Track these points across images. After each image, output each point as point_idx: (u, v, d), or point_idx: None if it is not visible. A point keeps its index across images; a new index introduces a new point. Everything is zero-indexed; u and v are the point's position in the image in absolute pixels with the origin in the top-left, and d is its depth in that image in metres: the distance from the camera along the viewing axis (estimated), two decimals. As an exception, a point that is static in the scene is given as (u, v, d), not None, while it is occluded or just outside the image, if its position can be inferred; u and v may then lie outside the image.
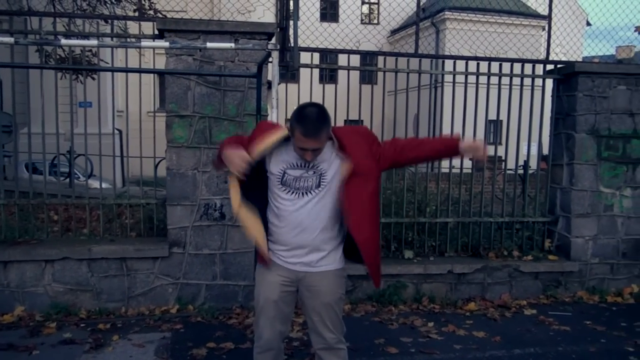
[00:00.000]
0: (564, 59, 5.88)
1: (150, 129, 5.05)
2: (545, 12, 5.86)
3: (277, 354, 2.84)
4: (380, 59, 5.32)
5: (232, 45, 3.34)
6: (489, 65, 5.33)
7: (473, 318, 4.72)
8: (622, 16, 5.84)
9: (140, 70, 4.63)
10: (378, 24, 25.48)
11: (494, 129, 5.62)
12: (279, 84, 3.28)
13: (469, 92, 5.14)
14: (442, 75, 5.31)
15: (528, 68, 5.35)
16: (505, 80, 5.29)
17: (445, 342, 4.17)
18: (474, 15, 22.43)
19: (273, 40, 4.43)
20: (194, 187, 4.64)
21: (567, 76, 5.28)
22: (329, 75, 20.58)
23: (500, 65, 5.32)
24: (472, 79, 5.19)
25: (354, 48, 5.21)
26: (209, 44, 3.26)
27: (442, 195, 5.49)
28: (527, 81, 5.39)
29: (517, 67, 5.32)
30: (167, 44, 3.26)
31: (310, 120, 2.43)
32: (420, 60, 5.21)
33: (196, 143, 4.59)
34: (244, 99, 4.60)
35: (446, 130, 5.25)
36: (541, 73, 5.44)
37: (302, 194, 2.57)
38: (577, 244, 5.34)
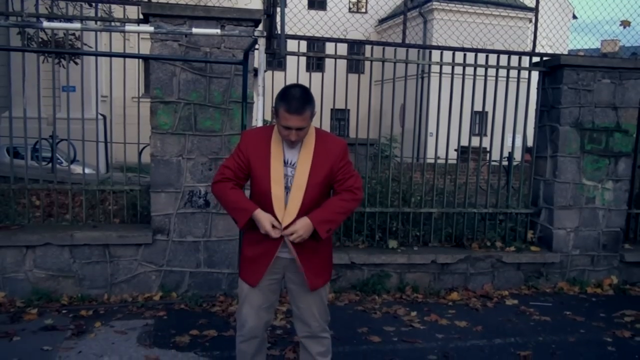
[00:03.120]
0: (549, 51, 5.88)
1: (136, 114, 4.99)
2: (532, 4, 5.88)
3: (260, 342, 2.85)
4: (368, 48, 5.30)
5: (218, 31, 3.30)
6: (476, 56, 5.34)
7: (455, 308, 4.77)
8: (607, 10, 5.86)
9: (124, 55, 4.55)
10: (366, 12, 25.37)
11: (479, 120, 5.62)
12: (265, 71, 3.26)
13: (455, 83, 5.16)
14: (429, 65, 5.30)
15: (514, 60, 5.37)
16: (492, 72, 5.30)
17: (428, 331, 4.20)
18: (461, 5, 22.47)
19: (260, 27, 4.38)
20: (179, 174, 4.60)
21: (552, 69, 5.31)
22: (316, 63, 20.46)
23: (487, 57, 5.33)
24: (459, 70, 5.20)
25: (342, 37, 5.18)
26: (194, 30, 3.22)
27: (427, 185, 5.52)
28: (513, 73, 5.42)
29: (503, 59, 5.33)
30: (151, 28, 3.21)
31: (294, 97, 2.47)
32: (407, 50, 5.20)
33: (181, 130, 4.55)
34: (230, 86, 4.56)
35: (432, 121, 5.31)
36: (527, 65, 5.46)
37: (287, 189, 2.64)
38: (559, 235, 5.40)
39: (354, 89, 5.08)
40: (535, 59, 5.50)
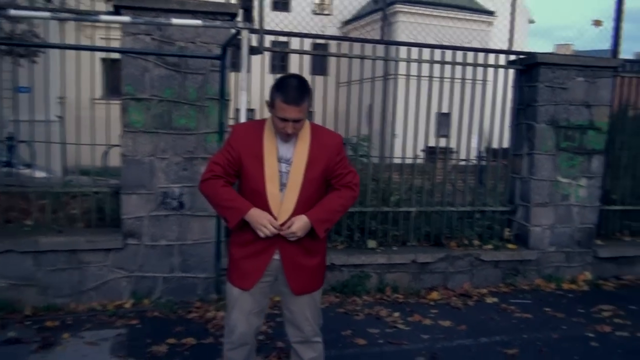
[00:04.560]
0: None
1: (98, 116, 4.72)
2: (491, 9, 5.90)
3: (251, 350, 2.70)
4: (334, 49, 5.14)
5: (200, 22, 3.13)
6: (454, 54, 5.30)
7: (437, 307, 4.71)
8: (561, 16, 5.91)
9: (93, 48, 4.31)
10: (330, 14, 25.37)
11: (448, 120, 5.59)
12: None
13: (424, 83, 5.12)
14: (397, 65, 5.19)
15: (482, 58, 5.37)
16: (461, 71, 5.28)
17: (413, 332, 4.12)
18: (424, 8, 22.71)
19: (239, 19, 4.22)
20: (151, 174, 4.38)
21: (528, 67, 5.32)
22: (279, 65, 20.28)
23: (454, 54, 5.22)
24: (435, 69, 5.15)
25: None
26: (174, 20, 3.04)
27: (406, 184, 5.45)
28: (480, 71, 5.42)
29: (469, 57, 5.31)
30: (127, 18, 3.01)
31: (291, 87, 2.35)
32: (374, 47, 5.11)
33: (154, 128, 4.33)
34: (206, 83, 4.37)
35: (399, 122, 5.20)
36: (503, 63, 5.46)
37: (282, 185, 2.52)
38: (536, 232, 5.43)
39: (320, 90, 4.93)
40: (509, 57, 5.52)
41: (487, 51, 5.35)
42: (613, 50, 5.63)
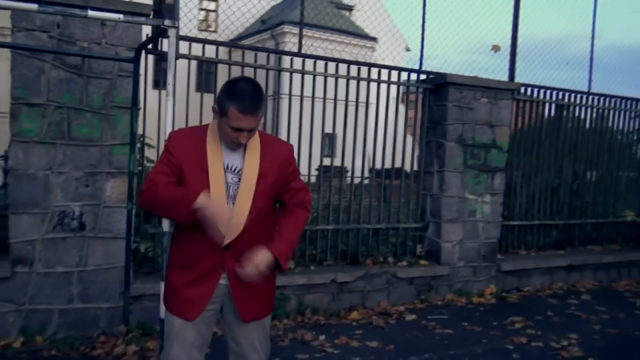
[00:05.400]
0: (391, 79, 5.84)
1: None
2: (372, 34, 5.98)
3: (192, 389, 2.34)
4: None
5: (121, 16, 2.75)
6: (369, 70, 5.29)
7: (360, 327, 4.58)
8: (435, 45, 6.18)
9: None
10: (215, 31, 24.92)
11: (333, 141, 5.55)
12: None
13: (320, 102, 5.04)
14: (301, 84, 4.99)
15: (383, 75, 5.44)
16: (356, 89, 5.31)
17: (343, 356, 3.94)
18: (312, 31, 23.12)
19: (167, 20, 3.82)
20: (46, 191, 3.81)
21: (438, 86, 5.48)
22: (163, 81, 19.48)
23: (359, 69, 5.19)
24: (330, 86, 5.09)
25: (194, 54, 4.62)
26: (91, 13, 2.63)
27: (322, 202, 5.32)
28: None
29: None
30: (35, 6, 2.56)
31: (247, 94, 2.08)
32: (280, 59, 4.99)
33: (50, 138, 3.79)
34: (112, 89, 3.93)
35: (294, 140, 4.92)
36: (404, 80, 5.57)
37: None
38: (447, 248, 5.54)
39: (208, 108, 4.59)
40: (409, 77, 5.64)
41: (400, 69, 5.42)
42: (510, 75, 5.98)
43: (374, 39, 26.87)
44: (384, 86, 5.41)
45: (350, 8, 28.98)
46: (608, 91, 6.84)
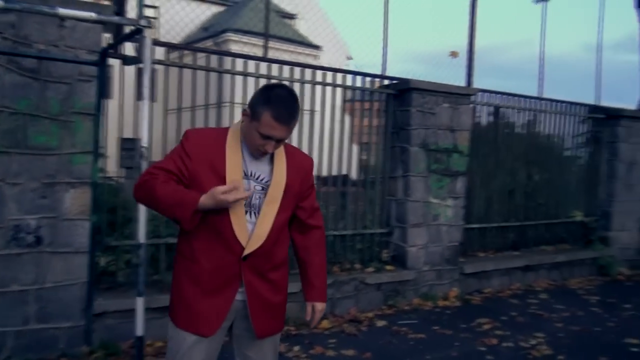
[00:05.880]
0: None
1: None
2: (316, 42, 6.02)
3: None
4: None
5: (94, 15, 2.58)
6: (334, 75, 5.25)
7: (333, 336, 4.50)
8: (374, 53, 6.24)
9: None
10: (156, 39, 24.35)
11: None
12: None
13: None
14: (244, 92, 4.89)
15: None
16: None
17: (321, 366, 3.86)
18: (256, 39, 22.95)
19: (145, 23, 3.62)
20: None
21: (401, 92, 5.50)
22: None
23: (314, 73, 5.13)
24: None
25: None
26: (61, 10, 2.45)
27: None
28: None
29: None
30: (1, 2, 2.34)
31: (284, 101, 1.97)
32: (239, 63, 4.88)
33: (4, 146, 3.51)
34: (72, 94, 3.69)
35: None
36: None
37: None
38: (412, 253, 5.56)
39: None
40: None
41: (364, 75, 5.41)
42: (467, 81, 6.10)
43: (317, 47, 27.07)
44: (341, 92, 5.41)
45: (293, 16, 29.08)
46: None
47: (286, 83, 4.93)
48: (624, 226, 7.58)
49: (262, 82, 4.77)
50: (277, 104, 1.95)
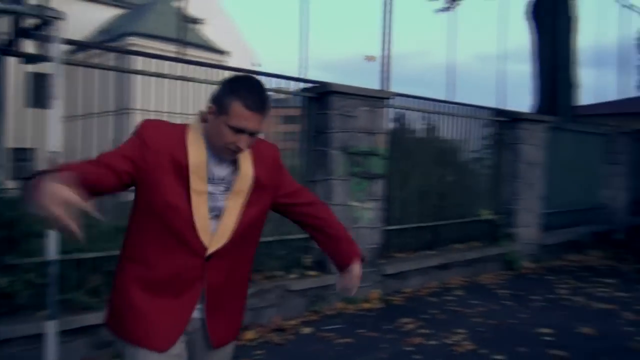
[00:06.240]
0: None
1: None
2: (223, 48, 5.90)
3: None
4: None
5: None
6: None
7: (260, 347, 4.34)
8: (282, 60, 6.29)
9: None
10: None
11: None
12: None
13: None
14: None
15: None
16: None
17: (250, 379, 3.69)
18: (160, 43, 22.18)
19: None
20: None
21: (321, 95, 5.47)
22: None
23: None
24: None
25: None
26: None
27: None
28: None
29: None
30: None
31: (254, 89, 1.79)
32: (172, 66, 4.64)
33: None
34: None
35: None
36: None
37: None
38: (335, 257, 5.51)
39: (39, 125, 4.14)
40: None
41: (282, 77, 5.31)
42: (384, 85, 6.20)
43: (224, 53, 26.70)
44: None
45: (199, 22, 28.49)
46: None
47: (201, 85, 4.75)
48: (527, 223, 8.05)
49: (178, 84, 4.56)
50: (247, 91, 1.77)
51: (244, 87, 1.78)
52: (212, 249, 1.86)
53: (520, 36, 11.98)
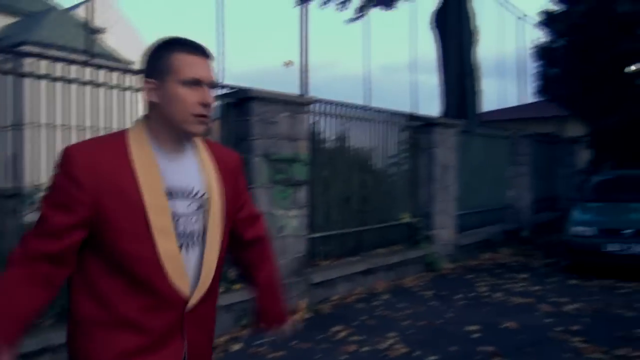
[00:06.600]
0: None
1: None
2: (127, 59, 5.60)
3: None
4: None
5: None
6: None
7: (187, 368, 4.07)
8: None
9: None
10: None
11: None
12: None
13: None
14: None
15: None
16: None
17: (179, 404, 3.41)
18: (60, 53, 20.90)
19: None
20: None
21: (241, 101, 5.28)
22: None
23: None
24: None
25: None
26: None
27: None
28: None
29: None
30: None
31: (187, 39, 1.53)
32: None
33: None
34: None
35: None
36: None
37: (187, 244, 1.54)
38: (261, 268, 5.33)
39: None
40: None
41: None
42: (303, 90, 6.13)
43: (129, 63, 25.61)
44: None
45: (101, 31, 27.19)
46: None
47: (114, 91, 4.44)
48: (443, 224, 8.29)
49: (88, 89, 4.23)
50: (181, 41, 1.51)
51: (176, 40, 1.52)
52: (194, 299, 1.51)
53: (429, 46, 12.44)
